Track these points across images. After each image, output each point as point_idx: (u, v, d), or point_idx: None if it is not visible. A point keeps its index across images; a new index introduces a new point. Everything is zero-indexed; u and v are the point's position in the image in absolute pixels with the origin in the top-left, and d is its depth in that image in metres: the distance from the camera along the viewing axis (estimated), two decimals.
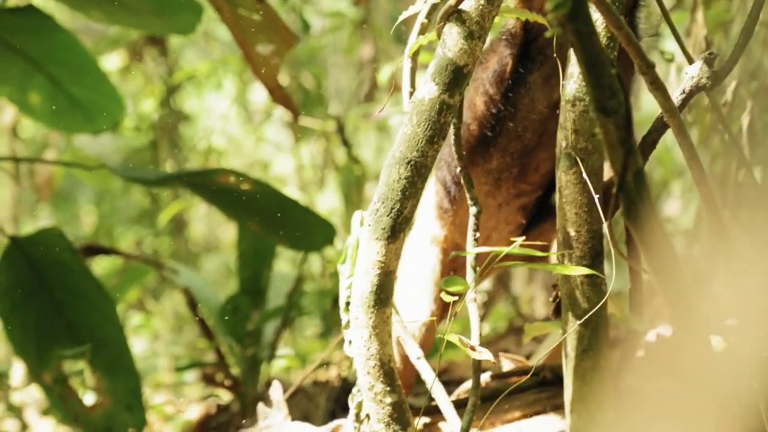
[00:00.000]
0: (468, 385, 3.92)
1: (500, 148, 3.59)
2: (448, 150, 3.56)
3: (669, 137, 3.16)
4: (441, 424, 3.74)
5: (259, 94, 8.36)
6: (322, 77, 7.36)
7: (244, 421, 5.10)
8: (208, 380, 5.65)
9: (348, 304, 3.74)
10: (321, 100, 7.09)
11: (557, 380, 3.75)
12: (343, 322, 3.78)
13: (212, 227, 10.67)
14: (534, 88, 3.50)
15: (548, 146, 3.52)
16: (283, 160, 8.65)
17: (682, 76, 3.77)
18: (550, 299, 3.33)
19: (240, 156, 9.17)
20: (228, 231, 10.49)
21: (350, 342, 3.74)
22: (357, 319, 3.18)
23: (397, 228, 3.10)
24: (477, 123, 3.56)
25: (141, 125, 8.35)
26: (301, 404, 4.80)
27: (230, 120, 8.56)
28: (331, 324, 6.45)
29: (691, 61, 3.06)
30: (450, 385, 3.67)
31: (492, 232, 3.80)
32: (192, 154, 8.74)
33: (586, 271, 3.01)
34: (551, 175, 3.45)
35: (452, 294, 3.05)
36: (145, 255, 8.11)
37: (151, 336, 8.17)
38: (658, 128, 3.09)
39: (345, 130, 6.45)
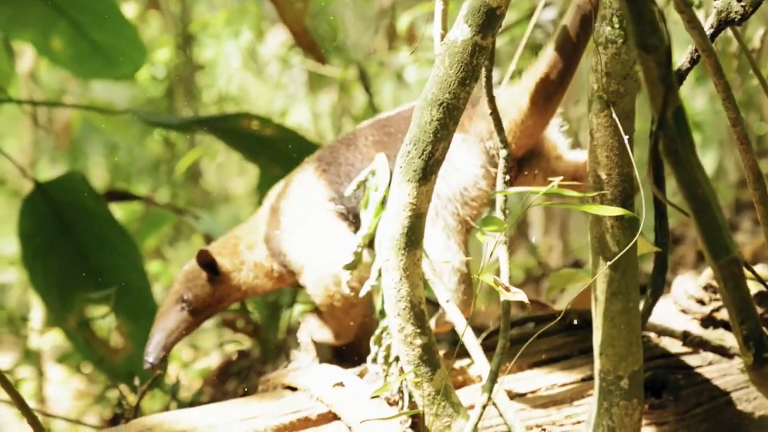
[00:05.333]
0: (489, 331, 3.93)
1: None
2: None
3: (683, 87, 3.15)
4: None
5: (272, 44, 8.32)
6: (338, 26, 7.33)
7: (265, 365, 5.13)
8: (229, 326, 5.67)
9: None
10: (339, 49, 7.07)
11: (585, 324, 3.76)
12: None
13: (222, 180, 10.68)
14: None
15: None
16: (299, 110, 8.63)
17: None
18: None
19: (255, 106, 9.16)
20: (238, 184, 10.50)
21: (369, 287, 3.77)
22: (387, 261, 3.18)
23: (429, 170, 3.09)
24: None
25: (157, 74, 8.33)
26: (322, 349, 4.81)
27: (245, 70, 8.54)
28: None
29: None
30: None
31: None
32: (208, 103, 8.73)
33: (619, 211, 3.01)
34: None
35: (488, 233, 3.06)
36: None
37: (169, 283, 8.20)
38: (686, 64, 3.08)
39: (367, 77, 6.41)
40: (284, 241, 3.96)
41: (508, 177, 3.40)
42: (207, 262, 3.97)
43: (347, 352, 4.09)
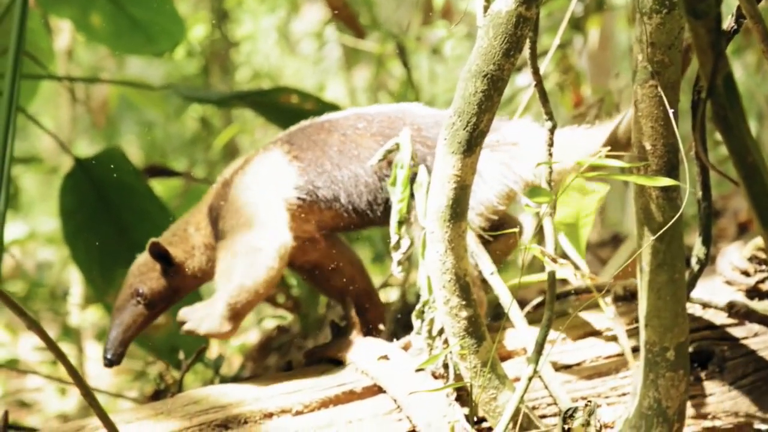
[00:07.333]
0: (533, 303, 3.92)
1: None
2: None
3: None
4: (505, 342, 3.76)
5: (307, 19, 8.32)
6: (374, 1, 7.30)
7: (306, 340, 5.13)
8: (270, 301, 5.67)
9: (400, 223, 3.74)
10: (376, 24, 7.05)
11: (629, 296, 3.75)
12: (392, 242, 3.78)
13: None
14: None
15: None
16: (334, 86, 8.62)
17: None
18: None
19: (289, 82, 9.15)
20: None
21: (398, 263, 3.76)
22: (433, 234, 3.19)
23: (473, 142, 3.09)
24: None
25: (193, 51, 8.32)
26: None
27: (280, 46, 8.52)
28: (388, 247, 6.45)
29: None
30: None
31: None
32: (242, 81, 8.73)
33: (664, 182, 3.00)
34: None
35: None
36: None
37: None
38: (730, 30, 3.07)
39: (405, 51, 6.39)
40: (223, 209, 3.88)
41: (551, 150, 3.41)
42: (159, 254, 3.88)
43: (371, 330, 4.08)
